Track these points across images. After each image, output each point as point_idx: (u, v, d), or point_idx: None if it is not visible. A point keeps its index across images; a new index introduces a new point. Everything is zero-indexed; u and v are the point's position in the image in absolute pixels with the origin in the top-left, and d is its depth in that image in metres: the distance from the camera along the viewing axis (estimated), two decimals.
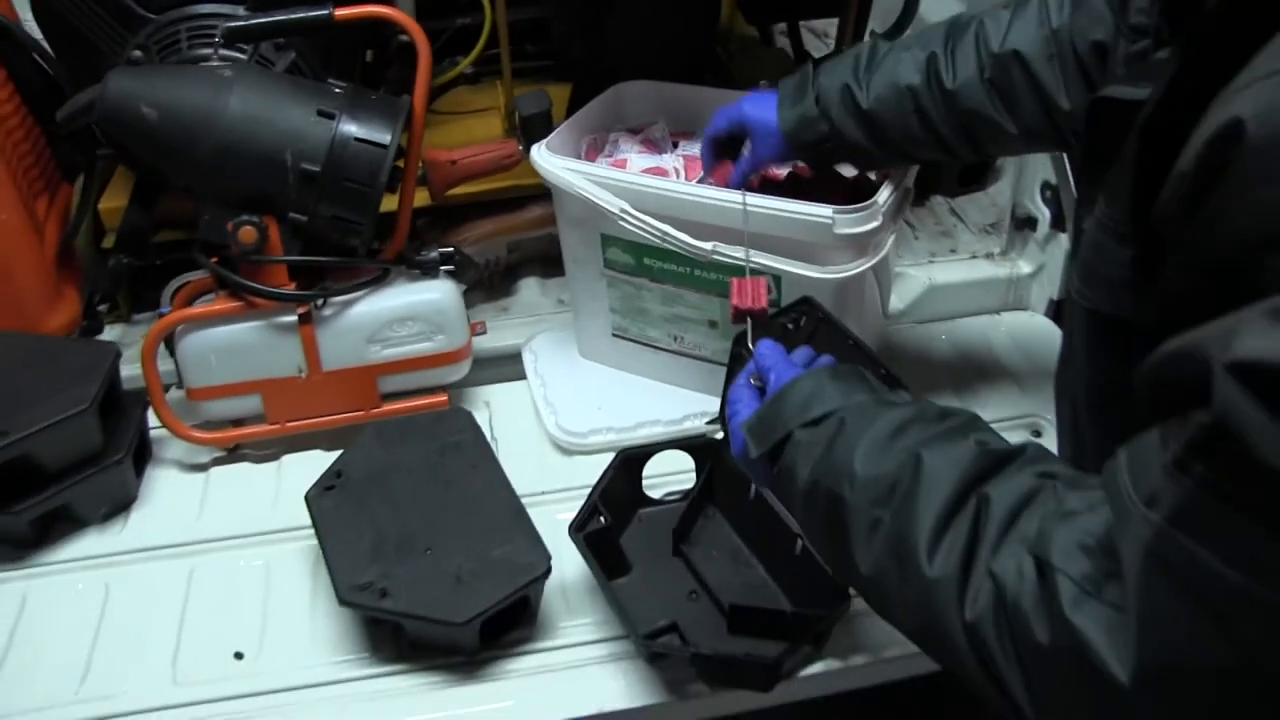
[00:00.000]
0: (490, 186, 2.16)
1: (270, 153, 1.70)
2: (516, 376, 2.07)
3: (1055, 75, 1.45)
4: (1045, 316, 2.21)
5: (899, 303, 2.20)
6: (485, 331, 2.01)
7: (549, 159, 1.81)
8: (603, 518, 1.61)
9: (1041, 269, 2.23)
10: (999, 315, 2.24)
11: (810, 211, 1.64)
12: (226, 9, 1.92)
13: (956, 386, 2.02)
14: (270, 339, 1.82)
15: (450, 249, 1.90)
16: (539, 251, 2.34)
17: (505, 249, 2.29)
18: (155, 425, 1.89)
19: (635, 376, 2.02)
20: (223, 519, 1.80)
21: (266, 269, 1.77)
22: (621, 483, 1.68)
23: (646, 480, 1.74)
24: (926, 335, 2.17)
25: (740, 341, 1.46)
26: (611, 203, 1.73)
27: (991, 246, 2.35)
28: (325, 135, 1.71)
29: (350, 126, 1.72)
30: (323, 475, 1.67)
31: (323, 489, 1.65)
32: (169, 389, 1.88)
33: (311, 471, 1.70)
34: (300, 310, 1.81)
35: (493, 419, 1.95)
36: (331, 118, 1.72)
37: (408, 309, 1.86)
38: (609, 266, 1.89)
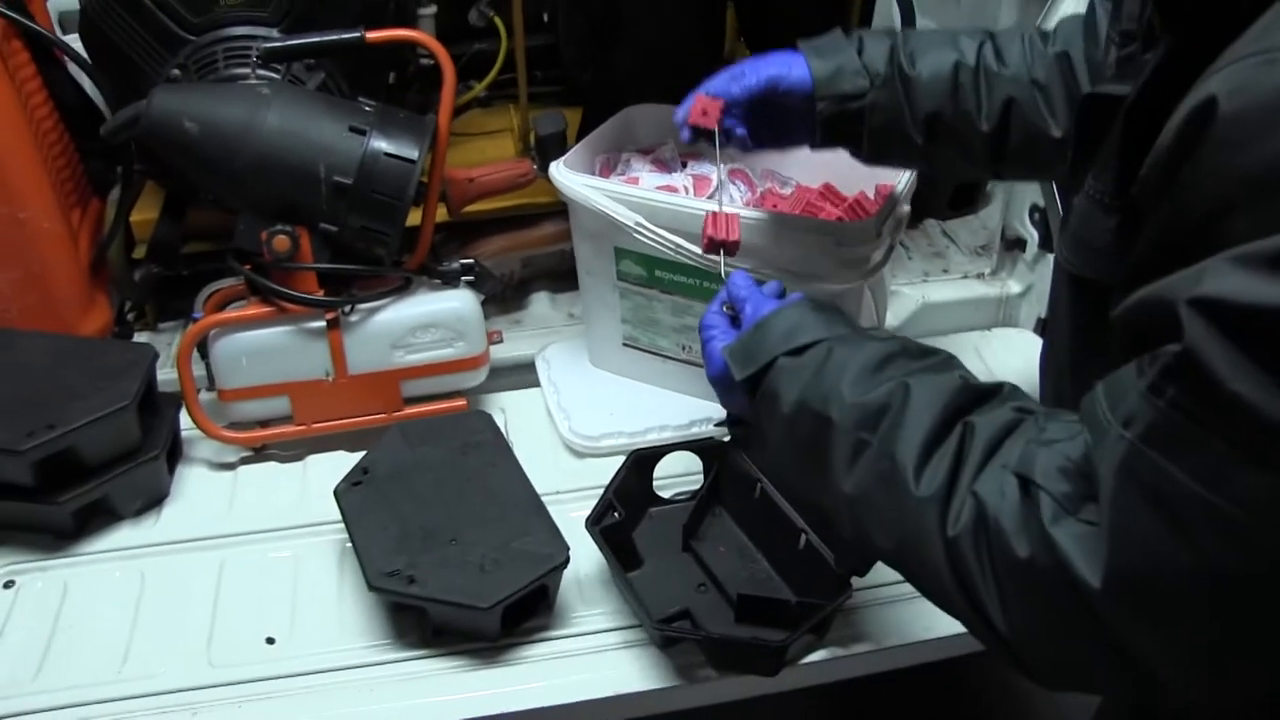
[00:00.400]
0: (505, 204, 2.25)
1: (304, 165, 1.79)
2: (530, 384, 2.16)
3: (1087, 85, 1.50)
4: (1034, 333, 2.30)
5: (894, 320, 2.30)
6: (502, 340, 2.10)
7: (567, 175, 1.90)
8: (617, 513, 1.70)
9: (1030, 288, 2.33)
10: (990, 331, 2.34)
11: (813, 225, 1.74)
12: (261, 31, 2.02)
13: None
14: (299, 343, 1.91)
15: (470, 260, 2.00)
16: (550, 267, 2.43)
17: (519, 263, 2.38)
18: (187, 426, 1.97)
19: (645, 385, 2.11)
20: (251, 514, 1.88)
21: (297, 276, 1.86)
22: (634, 481, 1.77)
23: (657, 481, 1.82)
24: None
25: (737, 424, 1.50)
26: (627, 216, 1.82)
27: (982, 267, 2.45)
28: (357, 150, 1.81)
29: (380, 142, 1.82)
30: (350, 471, 1.76)
31: (351, 484, 1.73)
32: (199, 392, 1.96)
33: (335, 471, 1.78)
34: (329, 316, 1.90)
35: (508, 423, 2.04)
36: (363, 134, 1.81)
37: (430, 316, 1.95)
38: (621, 278, 1.99)
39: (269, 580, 1.76)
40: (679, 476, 1.84)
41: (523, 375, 2.18)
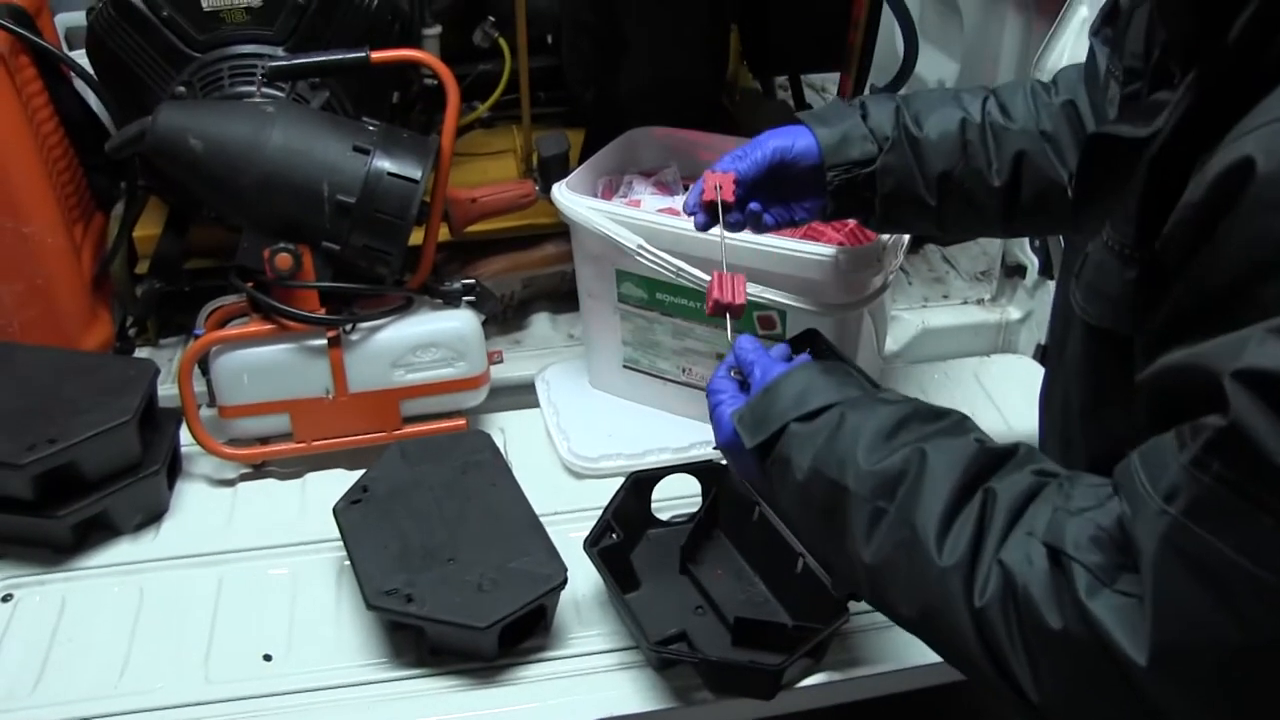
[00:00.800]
0: (506, 224, 2.26)
1: (308, 184, 1.80)
2: (529, 405, 2.16)
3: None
4: (1033, 359, 2.31)
5: (893, 344, 2.31)
6: (502, 360, 2.10)
7: (569, 197, 1.91)
8: (615, 534, 1.71)
9: (1030, 315, 2.34)
10: (989, 357, 2.35)
11: (815, 250, 1.75)
12: (266, 49, 2.03)
13: None
14: (300, 361, 1.92)
15: (472, 281, 2.00)
16: (550, 287, 2.44)
17: (520, 284, 2.38)
18: (187, 442, 1.98)
19: (644, 406, 2.12)
20: (250, 531, 1.88)
21: (299, 294, 1.87)
22: (632, 503, 1.78)
23: (655, 503, 1.83)
24: (920, 374, 2.27)
25: None
26: (629, 239, 1.83)
27: (982, 293, 2.46)
28: (360, 169, 1.81)
29: (384, 162, 1.83)
30: (350, 489, 1.76)
31: (350, 502, 1.74)
32: (200, 408, 1.96)
33: (334, 489, 1.79)
34: (330, 334, 1.90)
35: (507, 443, 2.04)
36: (367, 153, 1.82)
37: (431, 336, 1.95)
38: (623, 300, 2.00)
39: (267, 597, 1.76)
40: (677, 499, 1.85)
41: (522, 396, 2.19)
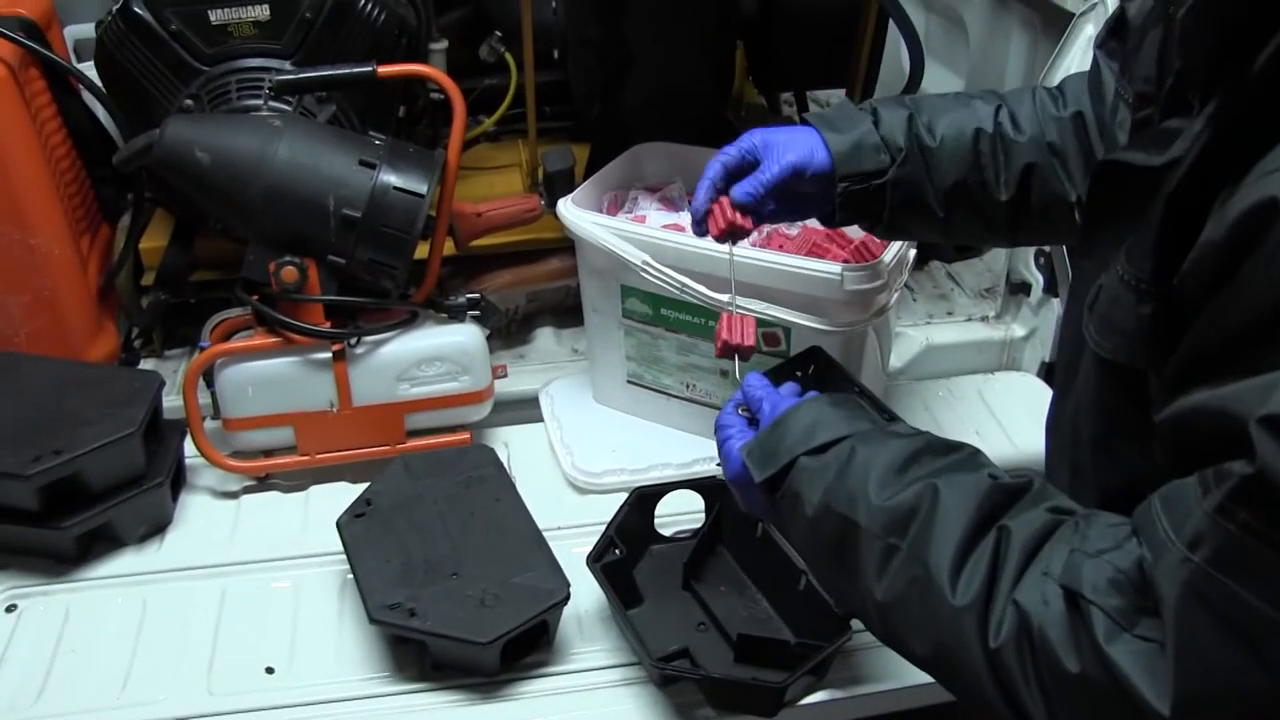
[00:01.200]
0: (511, 239, 2.26)
1: (314, 198, 1.81)
2: (533, 419, 2.17)
3: (1100, 146, 1.47)
4: (1037, 377, 2.31)
5: (897, 361, 2.31)
6: (506, 375, 2.10)
7: (575, 212, 1.92)
8: (618, 550, 1.71)
9: (1034, 332, 2.34)
10: (993, 375, 2.34)
11: (820, 268, 1.75)
12: (273, 63, 2.04)
13: (952, 438, 2.11)
14: (305, 374, 1.92)
15: (477, 295, 2.01)
16: (555, 302, 2.44)
17: (524, 298, 2.39)
18: (191, 453, 1.98)
19: (648, 422, 2.12)
20: (253, 543, 1.88)
21: (304, 307, 1.87)
22: (635, 519, 1.78)
23: (658, 519, 1.83)
24: (924, 391, 2.27)
25: None
26: (634, 255, 1.84)
27: (986, 310, 2.46)
28: (366, 183, 1.82)
29: (390, 176, 1.83)
30: (353, 503, 1.76)
31: (353, 515, 1.74)
32: (204, 420, 1.97)
33: (338, 502, 1.79)
34: (335, 348, 1.91)
35: (511, 458, 2.04)
36: (373, 167, 1.83)
37: (436, 350, 1.96)
38: (627, 316, 2.00)
39: (270, 610, 1.76)
40: (680, 515, 1.84)
41: (526, 410, 2.19)
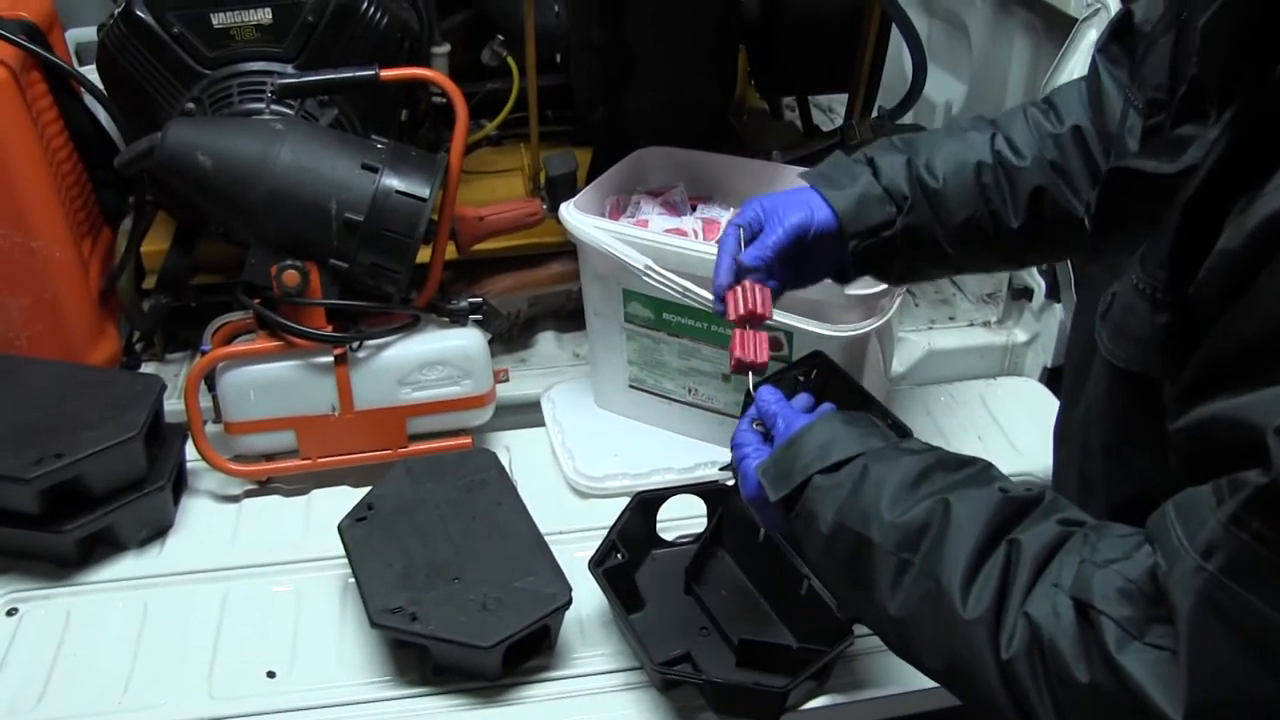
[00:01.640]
0: (513, 243, 2.26)
1: (317, 201, 1.80)
2: (535, 424, 2.16)
3: (1102, 158, 1.44)
4: (1040, 383, 2.31)
5: (899, 366, 2.31)
6: (508, 379, 2.10)
7: (577, 216, 1.92)
8: (620, 555, 1.71)
9: (1036, 337, 2.34)
10: (995, 380, 2.34)
11: None
12: (275, 67, 2.04)
13: (954, 446, 2.09)
14: (306, 378, 1.92)
15: (479, 299, 2.01)
16: (556, 306, 2.44)
17: (526, 302, 2.39)
18: (192, 457, 1.98)
19: (650, 426, 2.12)
20: (254, 547, 1.88)
21: (306, 311, 1.87)
22: (637, 523, 1.78)
23: (660, 523, 1.82)
24: (926, 396, 2.26)
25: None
26: (636, 259, 1.83)
27: (989, 315, 2.46)
28: (368, 187, 1.82)
29: (392, 180, 1.83)
30: (355, 507, 1.76)
31: (355, 519, 1.74)
32: (205, 424, 1.97)
33: (340, 506, 1.79)
34: (337, 351, 1.90)
35: (513, 462, 2.04)
36: (375, 171, 1.83)
37: (437, 354, 1.95)
38: (629, 320, 2.00)
39: (271, 614, 1.76)
40: (682, 519, 1.84)
41: (528, 414, 2.19)
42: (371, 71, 1.88)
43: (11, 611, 1.75)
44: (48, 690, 1.62)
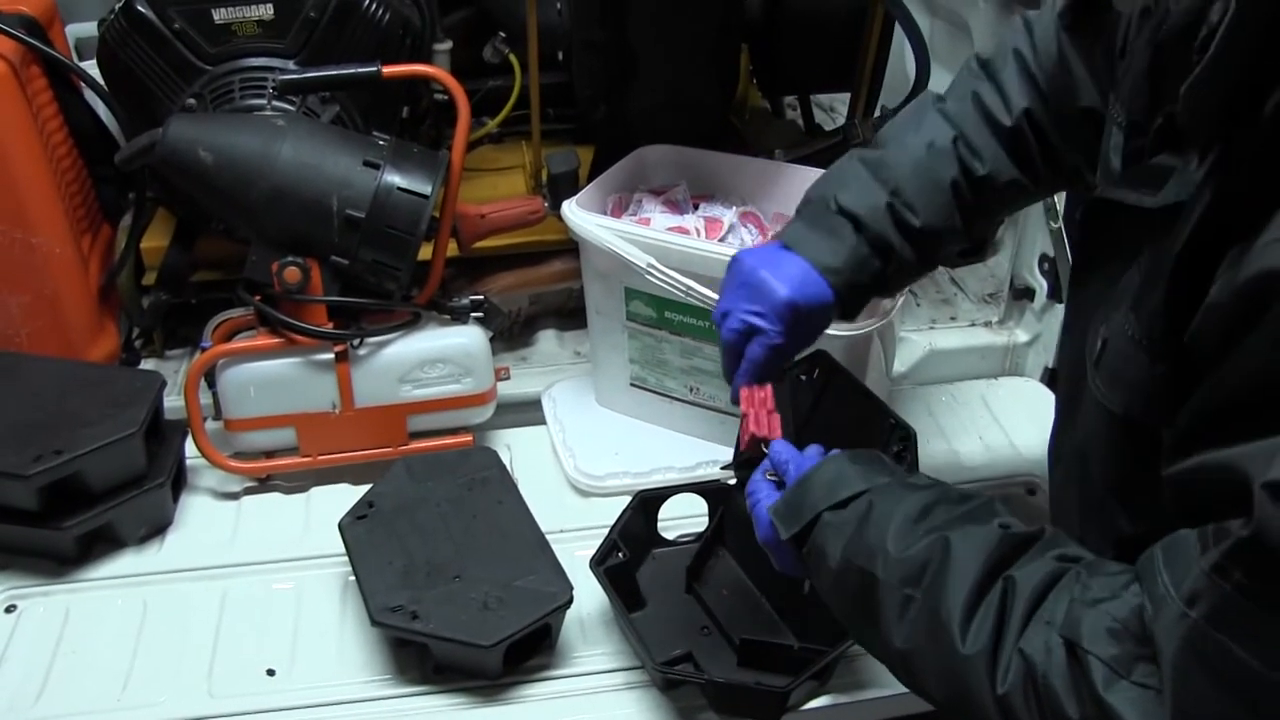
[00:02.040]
0: (515, 240, 2.25)
1: (318, 198, 1.80)
2: (535, 422, 2.16)
3: (1057, 132, 1.44)
4: (1040, 383, 2.31)
5: (900, 366, 2.30)
6: (509, 377, 2.09)
7: (580, 214, 1.91)
8: (621, 554, 1.70)
9: (1038, 338, 2.33)
10: (997, 380, 2.34)
11: None
12: (277, 63, 2.03)
13: (956, 446, 2.11)
14: (307, 375, 1.91)
15: (480, 297, 2.00)
16: (557, 304, 2.44)
17: (527, 300, 2.38)
18: (191, 454, 1.97)
19: (651, 425, 2.12)
20: (254, 544, 1.88)
21: (307, 308, 1.87)
22: (639, 522, 1.77)
23: (661, 522, 1.82)
24: (928, 396, 2.26)
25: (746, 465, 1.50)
26: (639, 257, 1.83)
27: (990, 315, 2.46)
28: (370, 184, 1.81)
29: (394, 177, 1.83)
30: (355, 505, 1.75)
31: (355, 517, 1.73)
32: (205, 420, 1.96)
33: (340, 503, 1.78)
34: (337, 349, 1.90)
35: (513, 460, 2.03)
36: (377, 168, 1.82)
37: (438, 352, 1.95)
38: (631, 318, 1.99)
39: (271, 611, 1.75)
40: (683, 518, 1.84)
41: (528, 412, 2.19)
42: (374, 68, 1.87)
43: (10, 608, 1.74)
44: (46, 687, 1.62)
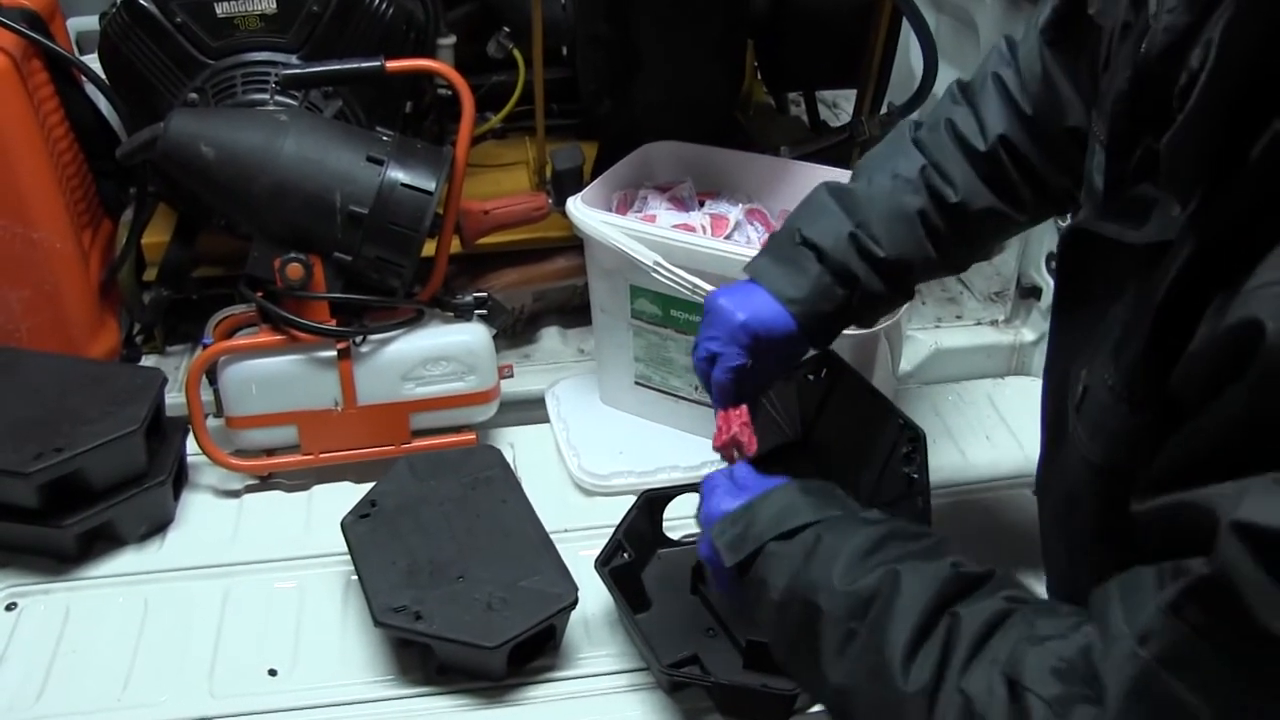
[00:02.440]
0: (518, 237, 2.24)
1: (321, 194, 1.78)
2: (538, 420, 2.15)
3: (1041, 155, 1.42)
4: None
5: (906, 364, 2.29)
6: (512, 375, 2.08)
7: (585, 211, 1.90)
8: (626, 554, 1.69)
9: (1044, 337, 2.32)
10: (1003, 379, 2.32)
11: None
12: (280, 57, 2.01)
13: (962, 446, 2.10)
14: (309, 372, 1.90)
15: (484, 294, 1.99)
16: (561, 301, 2.42)
17: (530, 297, 2.37)
18: (192, 451, 1.96)
19: (655, 424, 2.10)
20: (256, 543, 1.86)
21: (309, 305, 1.85)
22: (644, 522, 1.76)
23: (666, 522, 1.81)
24: (934, 396, 2.25)
25: None
26: (645, 255, 1.81)
27: (996, 314, 2.44)
28: (374, 180, 1.80)
29: (397, 173, 1.81)
30: (358, 504, 1.74)
31: (358, 516, 1.71)
32: (206, 417, 1.95)
33: (342, 502, 1.77)
34: (340, 346, 1.88)
35: (517, 459, 2.02)
36: (380, 163, 1.81)
37: (442, 349, 1.94)
38: (636, 316, 1.98)
39: (273, 611, 1.74)
40: (688, 518, 1.81)
41: (531, 410, 2.17)
42: (377, 63, 1.86)
43: (10, 606, 1.73)
44: (46, 687, 1.60)
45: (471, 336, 1.96)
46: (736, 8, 2.38)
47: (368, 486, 1.79)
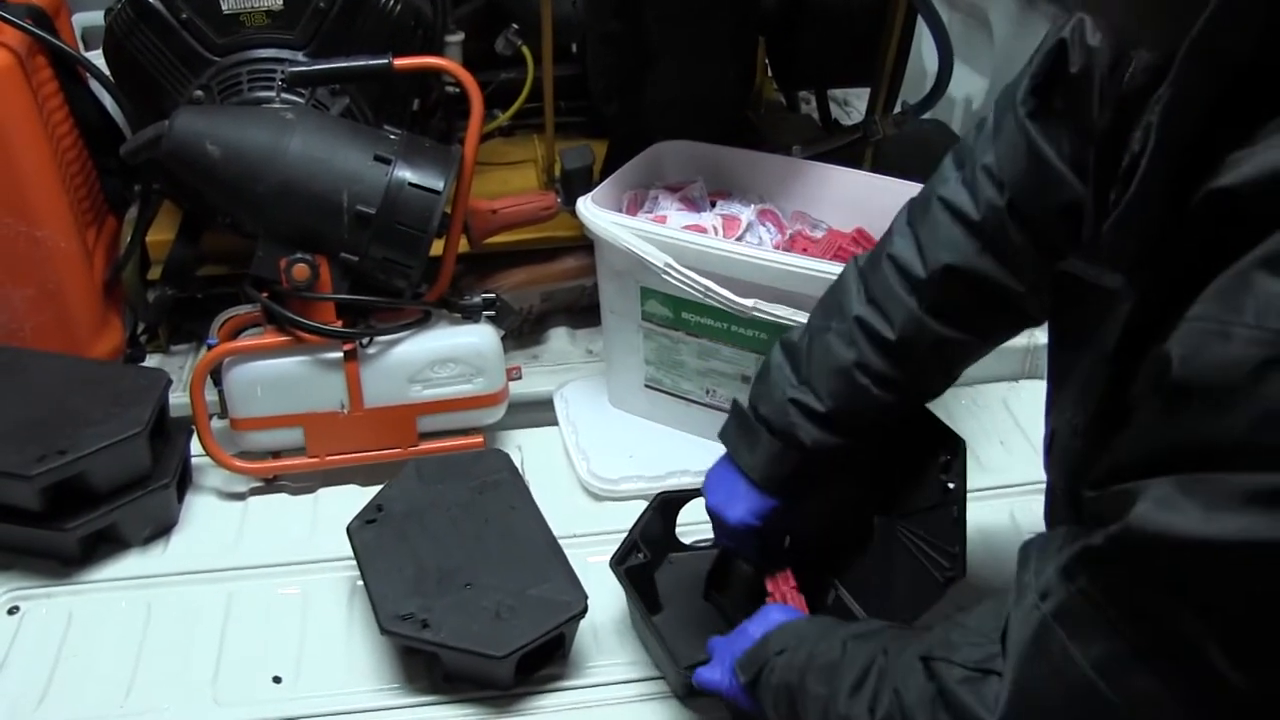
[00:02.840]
0: (526, 236, 2.22)
1: (327, 193, 1.76)
2: (547, 422, 2.12)
3: (996, 265, 1.31)
4: None
5: None
6: (520, 376, 2.06)
7: (595, 212, 1.87)
8: (641, 554, 1.67)
9: None
10: (1018, 383, 2.30)
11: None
12: (286, 54, 1.99)
13: (978, 451, 2.07)
14: (315, 374, 1.88)
15: (492, 294, 1.96)
16: (570, 301, 2.39)
17: (539, 298, 2.34)
18: (196, 453, 1.94)
19: (666, 427, 2.08)
20: (261, 547, 1.84)
21: (315, 306, 1.83)
22: (658, 524, 1.73)
23: (678, 526, 1.78)
24: (948, 399, 2.21)
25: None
26: (656, 256, 1.79)
27: None
28: (381, 179, 1.77)
29: (405, 172, 1.79)
30: (364, 509, 1.72)
31: (364, 521, 1.69)
32: (210, 419, 1.92)
33: (348, 505, 1.75)
34: (346, 347, 1.86)
35: (525, 462, 2.00)
36: (388, 163, 1.78)
37: (449, 351, 1.91)
38: (647, 319, 1.95)
39: (277, 616, 1.72)
40: (698, 524, 1.78)
41: (540, 412, 2.15)
42: (384, 60, 1.83)
43: (13, 610, 1.71)
44: (49, 692, 1.59)
45: (480, 338, 1.93)
46: (748, 4, 2.36)
47: (374, 489, 1.77)
